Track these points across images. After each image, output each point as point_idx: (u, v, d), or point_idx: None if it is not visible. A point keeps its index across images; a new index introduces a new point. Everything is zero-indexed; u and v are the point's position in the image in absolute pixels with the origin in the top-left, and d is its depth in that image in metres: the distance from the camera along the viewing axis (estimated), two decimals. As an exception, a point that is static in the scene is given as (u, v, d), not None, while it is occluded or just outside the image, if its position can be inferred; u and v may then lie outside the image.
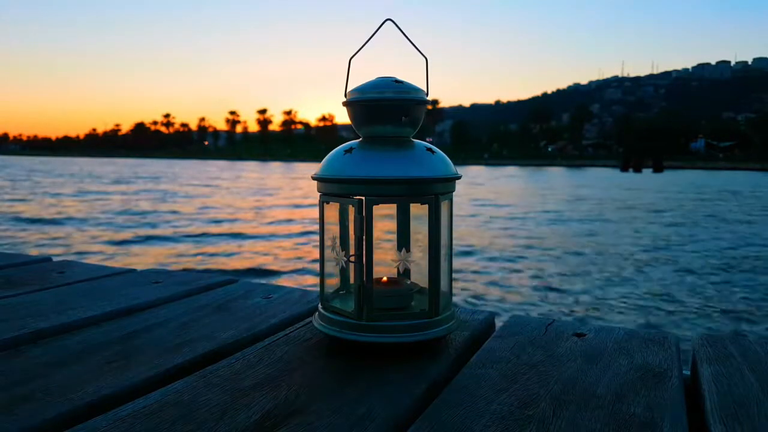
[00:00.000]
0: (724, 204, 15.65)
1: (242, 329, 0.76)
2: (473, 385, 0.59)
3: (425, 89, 0.71)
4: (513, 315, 0.85)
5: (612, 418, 0.52)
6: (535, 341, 0.73)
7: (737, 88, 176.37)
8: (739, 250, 7.86)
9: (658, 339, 0.74)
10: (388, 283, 0.73)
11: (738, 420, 0.52)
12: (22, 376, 0.60)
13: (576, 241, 8.52)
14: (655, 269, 6.51)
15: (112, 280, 1.03)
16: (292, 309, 0.86)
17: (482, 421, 0.51)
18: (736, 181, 32.05)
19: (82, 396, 0.56)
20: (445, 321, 0.69)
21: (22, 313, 0.81)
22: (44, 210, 11.95)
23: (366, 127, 0.70)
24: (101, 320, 0.80)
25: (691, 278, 6.03)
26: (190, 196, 16.37)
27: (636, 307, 4.84)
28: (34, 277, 1.05)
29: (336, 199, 0.69)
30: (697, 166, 63.02)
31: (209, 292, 0.96)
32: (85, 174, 30.78)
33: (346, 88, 0.71)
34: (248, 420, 0.51)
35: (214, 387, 0.58)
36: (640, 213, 12.82)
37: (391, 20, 0.69)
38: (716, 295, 5.29)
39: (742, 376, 0.62)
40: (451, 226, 0.72)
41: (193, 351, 0.68)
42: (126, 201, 14.60)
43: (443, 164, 0.68)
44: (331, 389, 0.58)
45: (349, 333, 0.66)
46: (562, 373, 0.63)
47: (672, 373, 0.62)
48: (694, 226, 10.72)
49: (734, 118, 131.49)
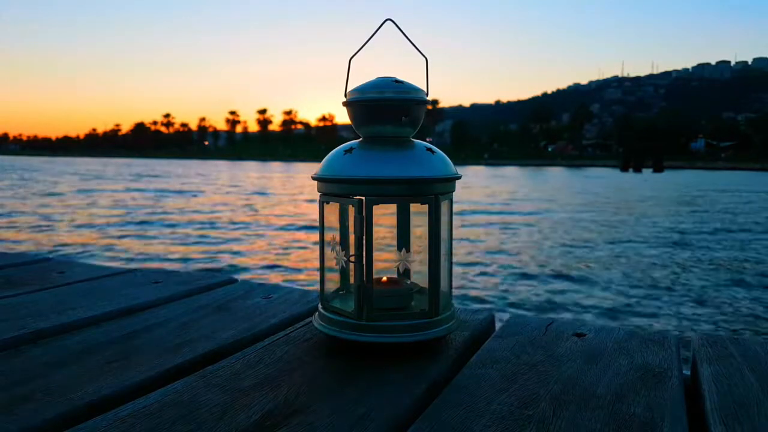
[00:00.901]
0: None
1: (242, 329, 0.76)
2: (473, 385, 0.59)
3: (425, 89, 0.71)
4: (513, 315, 0.85)
5: (612, 418, 0.52)
6: (535, 341, 0.73)
7: (737, 88, 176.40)
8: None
9: (658, 339, 0.74)
10: (388, 283, 0.73)
11: (738, 420, 0.52)
12: (22, 376, 0.60)
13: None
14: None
15: (112, 280, 1.03)
16: (292, 309, 0.86)
17: (482, 421, 0.51)
18: (733, 180, 32.08)
19: (82, 396, 0.56)
20: (445, 321, 0.69)
21: (22, 313, 0.81)
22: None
23: (366, 127, 0.70)
24: (101, 320, 0.80)
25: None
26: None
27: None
28: (34, 277, 1.05)
29: (336, 199, 0.69)
30: (697, 166, 63.02)
31: (209, 292, 0.96)
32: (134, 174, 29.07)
33: (346, 88, 0.71)
34: (248, 420, 0.51)
35: (214, 387, 0.58)
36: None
37: (391, 20, 0.69)
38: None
39: (742, 376, 0.62)
40: (451, 226, 0.72)
41: (193, 351, 0.68)
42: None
43: (443, 164, 0.68)
44: (331, 389, 0.58)
45: (349, 333, 0.66)
46: (562, 373, 0.63)
47: (672, 373, 0.62)
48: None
49: (734, 118, 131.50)
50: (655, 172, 45.52)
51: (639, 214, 12.68)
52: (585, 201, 16.17)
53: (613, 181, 29.12)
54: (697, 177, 37.12)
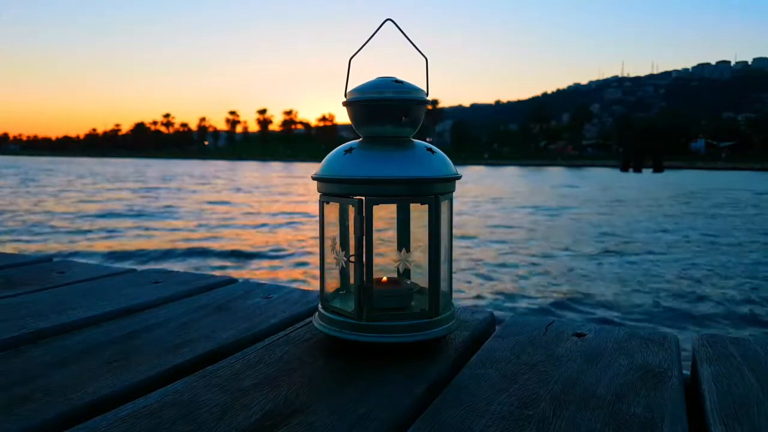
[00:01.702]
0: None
1: (242, 329, 0.76)
2: (473, 385, 0.59)
3: (425, 89, 0.71)
4: (513, 315, 0.85)
5: (612, 418, 0.52)
6: (535, 341, 0.73)
7: (737, 88, 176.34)
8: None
9: (658, 339, 0.74)
10: (388, 283, 0.73)
11: (738, 420, 0.52)
12: (22, 376, 0.60)
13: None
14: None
15: (112, 280, 1.03)
16: (292, 309, 0.86)
17: (482, 422, 0.51)
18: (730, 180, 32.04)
19: (82, 396, 0.56)
20: (445, 321, 0.69)
21: (22, 313, 0.81)
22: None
23: (366, 127, 0.70)
24: (101, 320, 0.80)
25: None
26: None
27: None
28: (34, 277, 1.05)
29: (336, 199, 0.69)
30: (697, 166, 63.00)
31: (209, 292, 0.96)
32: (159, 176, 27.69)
33: (346, 88, 0.71)
34: (248, 420, 0.51)
35: (214, 387, 0.58)
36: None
37: (391, 20, 0.69)
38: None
39: (742, 376, 0.62)
40: (451, 226, 0.72)
41: (193, 351, 0.68)
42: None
43: (443, 164, 0.68)
44: (331, 389, 0.58)
45: (349, 333, 0.66)
46: (562, 373, 0.63)
47: (672, 373, 0.62)
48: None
49: (734, 118, 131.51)
50: (655, 172, 45.50)
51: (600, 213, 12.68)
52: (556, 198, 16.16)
53: (606, 181, 29.10)
54: (694, 177, 37.02)
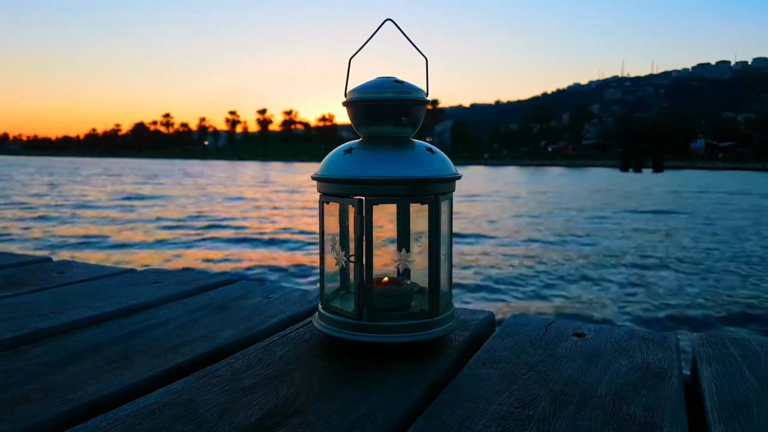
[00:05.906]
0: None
1: (242, 329, 0.76)
2: (473, 385, 0.59)
3: (425, 89, 0.71)
4: (513, 315, 0.85)
5: (612, 418, 0.52)
6: (535, 341, 0.73)
7: (737, 88, 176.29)
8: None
9: (657, 339, 0.74)
10: (388, 283, 0.73)
11: (738, 420, 0.52)
12: (22, 376, 0.60)
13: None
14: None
15: (112, 280, 1.03)
16: (292, 309, 0.86)
17: (482, 421, 0.51)
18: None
19: (82, 396, 0.56)
20: (445, 321, 0.69)
21: (21, 313, 0.81)
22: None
23: (366, 127, 0.70)
24: (101, 320, 0.80)
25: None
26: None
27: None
28: (34, 277, 1.05)
29: (336, 199, 0.69)
30: (697, 166, 63.01)
31: (209, 292, 0.96)
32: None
33: (346, 88, 0.71)
34: (248, 420, 0.51)
35: (213, 387, 0.58)
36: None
37: (391, 20, 0.69)
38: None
39: (742, 376, 0.62)
40: (451, 226, 0.72)
41: (193, 351, 0.68)
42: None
43: (443, 164, 0.68)
44: (331, 389, 0.58)
45: (349, 333, 0.66)
46: (562, 373, 0.63)
47: (672, 373, 0.62)
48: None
49: (734, 118, 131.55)
50: (655, 172, 45.49)
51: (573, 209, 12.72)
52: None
53: (601, 181, 29.11)
54: (688, 177, 36.99)
